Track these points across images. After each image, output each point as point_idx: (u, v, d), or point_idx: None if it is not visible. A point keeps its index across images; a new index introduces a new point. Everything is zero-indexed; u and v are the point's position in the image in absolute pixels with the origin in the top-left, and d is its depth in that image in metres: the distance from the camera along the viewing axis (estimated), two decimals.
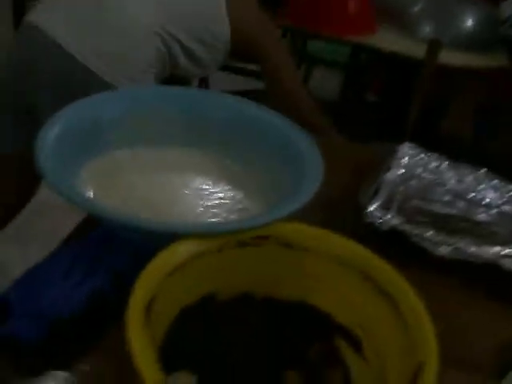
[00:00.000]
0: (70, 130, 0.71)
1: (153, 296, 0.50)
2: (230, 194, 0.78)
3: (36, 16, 1.23)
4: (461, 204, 0.92)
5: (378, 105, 2.49)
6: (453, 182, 0.96)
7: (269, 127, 0.79)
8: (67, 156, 0.69)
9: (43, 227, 0.78)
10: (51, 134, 0.68)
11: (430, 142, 1.00)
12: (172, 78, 1.59)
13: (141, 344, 0.45)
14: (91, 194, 0.71)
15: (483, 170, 0.96)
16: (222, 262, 0.58)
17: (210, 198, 0.76)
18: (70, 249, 0.63)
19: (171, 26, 1.24)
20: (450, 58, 1.72)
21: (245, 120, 0.80)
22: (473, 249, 0.78)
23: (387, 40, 1.84)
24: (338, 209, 0.86)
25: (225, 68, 2.42)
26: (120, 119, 0.78)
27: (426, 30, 1.87)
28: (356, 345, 0.57)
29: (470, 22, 1.91)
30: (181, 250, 0.54)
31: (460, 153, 1.02)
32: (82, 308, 0.56)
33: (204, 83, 2.43)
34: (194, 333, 0.55)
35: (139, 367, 0.42)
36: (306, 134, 0.76)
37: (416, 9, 1.90)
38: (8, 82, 1.31)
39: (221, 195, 0.77)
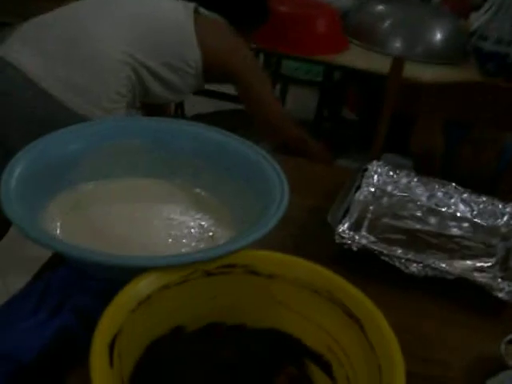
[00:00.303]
0: (34, 167, 0.71)
1: (117, 333, 0.49)
2: (200, 222, 0.78)
3: (6, 49, 1.23)
4: (433, 219, 0.93)
5: (354, 122, 2.51)
6: (424, 197, 0.96)
7: (234, 153, 0.79)
8: (33, 193, 0.69)
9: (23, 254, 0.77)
10: (16, 172, 0.68)
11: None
12: (148, 106, 1.59)
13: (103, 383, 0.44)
14: (58, 230, 0.71)
15: (453, 184, 0.97)
16: (188, 292, 0.58)
17: (179, 227, 0.76)
18: (39, 284, 0.62)
19: (141, 53, 1.25)
20: (421, 72, 1.75)
21: (210, 148, 0.80)
22: (443, 265, 0.78)
23: (358, 57, 1.86)
24: (309, 231, 0.87)
25: (198, 92, 2.45)
26: (85, 153, 0.78)
27: (396, 45, 1.90)
28: (326, 369, 0.57)
29: (439, 36, 1.94)
30: (143, 285, 0.54)
31: (429, 168, 1.03)
32: (46, 348, 0.55)
33: (180, 108, 2.44)
34: (163, 366, 0.55)
35: None
36: (271, 159, 0.76)
37: (385, 24, 1.92)
38: None
39: (190, 224, 0.77)
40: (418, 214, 0.94)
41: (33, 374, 0.55)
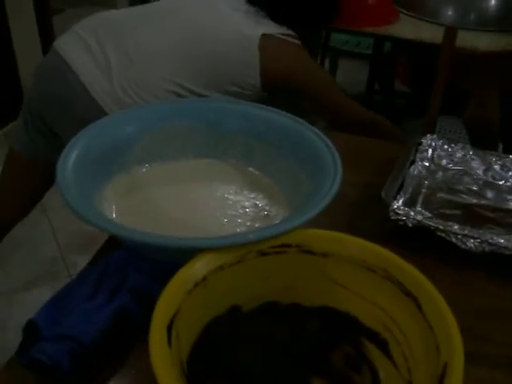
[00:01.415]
0: (89, 152, 0.72)
1: (174, 314, 0.50)
2: (254, 201, 0.78)
3: (68, 52, 1.25)
4: (490, 193, 0.91)
5: (406, 94, 2.46)
6: (480, 171, 0.94)
7: (286, 130, 0.79)
8: (89, 176, 0.70)
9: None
10: (71, 158, 0.70)
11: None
12: None
13: (163, 362, 0.45)
14: (114, 213, 0.73)
15: (510, 157, 0.94)
16: (243, 273, 0.58)
17: (234, 207, 0.77)
18: (96, 269, 0.64)
19: (196, 86, 1.24)
20: (475, 41, 1.69)
21: (261, 126, 0.80)
22: (501, 240, 0.76)
23: (409, 28, 1.82)
24: (363, 208, 0.86)
25: None
26: (139, 136, 0.79)
27: (448, 13, 1.83)
28: (383, 347, 0.57)
29: (494, 1, 1.87)
30: (199, 266, 0.54)
31: (487, 139, 1.00)
32: (106, 330, 0.57)
33: None
34: (220, 346, 0.56)
35: None
36: (323, 136, 0.76)
37: None
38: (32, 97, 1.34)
39: (245, 203, 0.78)
40: (475, 187, 0.91)
41: (94, 355, 0.56)
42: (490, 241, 0.76)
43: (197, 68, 1.25)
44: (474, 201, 0.89)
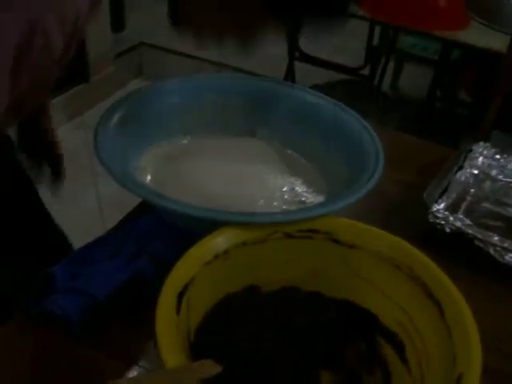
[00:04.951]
0: (131, 116, 0.72)
1: (188, 282, 0.49)
2: (293, 186, 0.77)
3: None
4: None
5: (469, 104, 2.39)
6: None
7: (332, 119, 0.77)
8: (128, 141, 0.70)
9: None
10: (113, 119, 0.69)
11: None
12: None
13: (167, 328, 0.45)
14: (148, 179, 0.72)
15: None
16: (267, 253, 0.57)
17: (272, 189, 0.75)
18: (120, 232, 0.64)
19: None
20: None
21: (307, 110, 0.79)
22: None
23: (480, 35, 1.76)
24: (401, 208, 0.83)
25: (309, 60, 2.42)
26: (183, 106, 0.78)
27: None
28: (400, 349, 0.55)
29: None
30: (221, 239, 0.54)
31: None
32: (121, 289, 0.56)
33: (291, 76, 2.42)
34: (231, 322, 0.55)
35: (161, 349, 0.42)
36: (370, 129, 0.74)
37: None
38: None
39: (283, 187, 0.76)
40: None
41: (105, 310, 0.56)
42: None
43: None
44: None
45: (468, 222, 0.78)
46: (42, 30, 0.49)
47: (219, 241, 0.54)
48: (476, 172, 0.90)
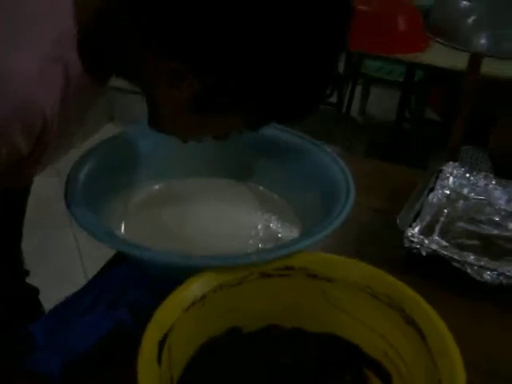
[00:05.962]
0: (103, 164, 0.72)
1: (168, 330, 0.49)
2: (267, 223, 0.77)
3: None
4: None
5: (437, 123, 2.43)
6: (502, 201, 0.91)
7: (300, 152, 0.78)
8: (100, 189, 0.70)
9: None
10: (84, 169, 0.69)
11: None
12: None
13: (149, 377, 0.44)
14: (122, 228, 0.72)
15: None
16: (244, 294, 0.57)
17: (247, 228, 0.76)
18: (97, 282, 0.64)
19: None
20: (506, 69, 1.66)
21: (276, 146, 0.79)
22: None
23: (441, 55, 1.80)
24: (375, 234, 0.84)
25: None
26: (153, 153, 0.78)
27: (481, 41, 1.81)
28: (386, 379, 0.55)
29: None
30: (197, 285, 0.54)
31: (510, 170, 0.97)
32: (101, 341, 0.56)
33: None
34: (216, 366, 0.55)
35: None
36: (338, 158, 0.75)
37: (469, 21, 1.84)
38: None
39: (257, 225, 0.77)
40: (496, 218, 0.88)
41: (86, 363, 0.56)
42: (508, 273, 0.73)
43: None
44: (495, 232, 0.86)
45: (444, 243, 0.79)
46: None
47: (196, 286, 0.54)
48: (448, 192, 0.91)
